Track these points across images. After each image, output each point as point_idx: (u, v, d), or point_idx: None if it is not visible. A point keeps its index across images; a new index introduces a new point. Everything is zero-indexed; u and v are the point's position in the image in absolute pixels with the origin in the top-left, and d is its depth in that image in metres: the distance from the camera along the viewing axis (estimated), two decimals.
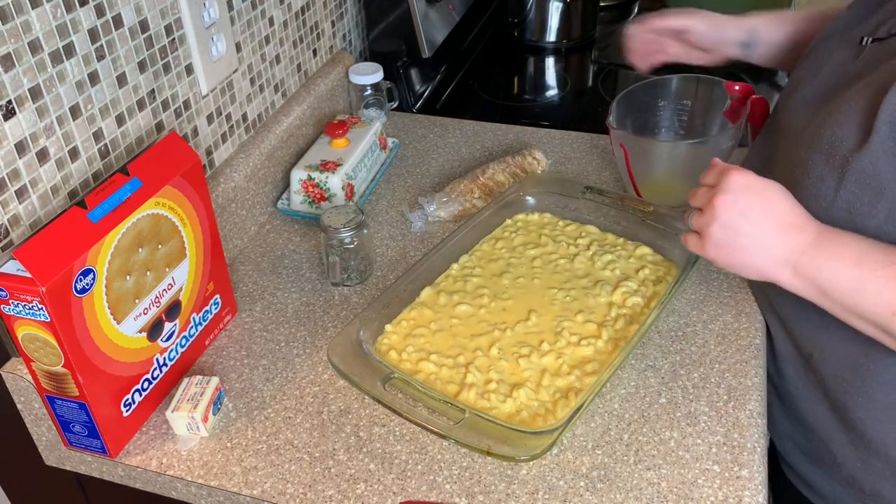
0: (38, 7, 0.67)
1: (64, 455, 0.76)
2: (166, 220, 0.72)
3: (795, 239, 0.65)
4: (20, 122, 0.67)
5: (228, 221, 0.96)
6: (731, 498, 0.66)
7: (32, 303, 0.61)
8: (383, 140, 1.12)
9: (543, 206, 0.99)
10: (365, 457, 0.71)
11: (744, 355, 0.80)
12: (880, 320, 0.62)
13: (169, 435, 0.75)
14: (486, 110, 1.33)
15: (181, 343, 0.79)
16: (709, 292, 0.88)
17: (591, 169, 1.11)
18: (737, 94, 0.95)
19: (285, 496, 0.68)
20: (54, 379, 0.67)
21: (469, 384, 0.75)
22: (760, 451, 0.70)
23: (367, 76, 1.17)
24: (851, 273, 0.63)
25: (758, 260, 0.67)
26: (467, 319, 0.83)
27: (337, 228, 0.87)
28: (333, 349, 0.75)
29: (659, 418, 0.74)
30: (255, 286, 0.93)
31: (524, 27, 1.54)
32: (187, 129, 0.90)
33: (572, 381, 0.75)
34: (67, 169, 0.74)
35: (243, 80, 1.00)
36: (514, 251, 0.92)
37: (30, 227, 0.71)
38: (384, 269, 0.94)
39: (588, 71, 1.50)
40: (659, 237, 0.91)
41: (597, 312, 0.83)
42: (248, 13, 0.98)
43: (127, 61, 0.78)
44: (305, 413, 0.76)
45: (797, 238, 0.65)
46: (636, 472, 0.69)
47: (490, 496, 0.67)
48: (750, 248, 0.66)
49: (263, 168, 1.03)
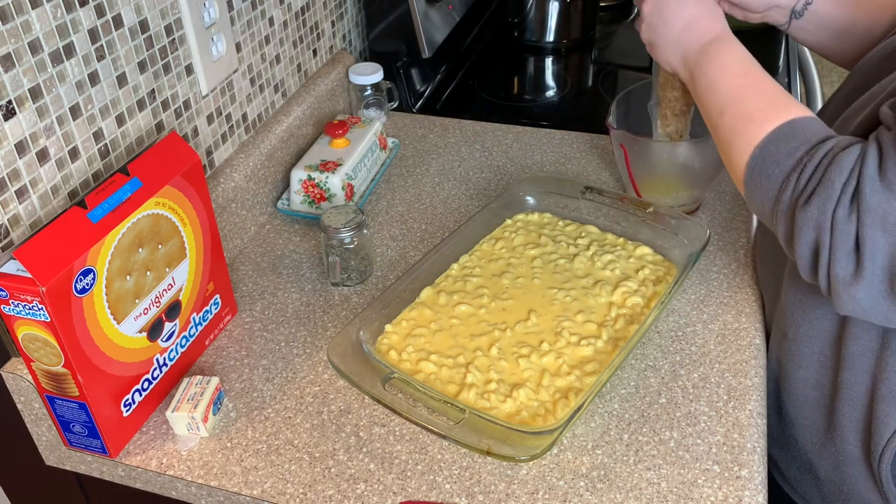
0: (38, 7, 0.67)
1: (64, 455, 0.76)
2: (166, 220, 0.72)
3: (692, 38, 0.76)
4: (20, 122, 0.67)
5: (228, 221, 0.96)
6: (731, 498, 0.66)
7: (32, 303, 0.61)
8: (383, 140, 1.12)
9: (543, 206, 0.99)
10: (365, 457, 0.71)
11: (744, 355, 0.80)
12: (712, 116, 0.71)
13: (169, 435, 0.75)
14: (486, 110, 1.33)
15: (181, 343, 0.79)
16: (709, 292, 0.88)
17: (591, 169, 1.11)
18: None
19: (285, 496, 0.68)
20: (54, 379, 0.67)
21: (469, 384, 0.75)
22: (760, 451, 0.70)
23: (367, 76, 1.18)
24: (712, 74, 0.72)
25: (668, 55, 0.79)
26: (467, 319, 0.83)
27: (337, 228, 0.87)
28: (333, 349, 0.75)
29: (659, 418, 0.74)
30: (255, 286, 0.93)
31: (524, 27, 1.54)
32: (187, 129, 0.90)
33: (572, 381, 0.75)
34: (67, 169, 0.74)
35: (243, 80, 1.00)
36: (514, 251, 0.92)
37: (30, 227, 0.71)
38: (384, 269, 0.94)
39: (588, 71, 1.50)
40: (659, 237, 0.91)
41: (597, 312, 0.83)
42: (248, 13, 0.98)
43: (127, 61, 0.78)
44: (305, 413, 0.76)
45: (694, 37, 0.76)
46: (636, 472, 0.69)
47: (490, 496, 0.67)
48: (663, 45, 0.79)
49: (263, 168, 1.03)
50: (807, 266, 0.61)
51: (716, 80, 0.71)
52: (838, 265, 0.58)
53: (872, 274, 0.57)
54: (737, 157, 0.65)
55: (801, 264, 0.61)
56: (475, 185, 1.09)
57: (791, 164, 0.60)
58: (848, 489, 0.76)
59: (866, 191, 0.55)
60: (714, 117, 0.70)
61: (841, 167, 0.57)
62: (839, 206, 0.57)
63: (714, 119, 0.70)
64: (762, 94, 0.67)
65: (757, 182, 0.63)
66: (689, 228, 0.88)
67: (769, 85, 0.68)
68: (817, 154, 0.59)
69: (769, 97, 0.66)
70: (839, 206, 0.57)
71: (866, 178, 0.56)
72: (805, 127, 0.62)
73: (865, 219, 0.56)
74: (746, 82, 0.69)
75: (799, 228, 0.59)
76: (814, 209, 0.58)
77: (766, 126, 0.63)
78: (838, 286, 0.59)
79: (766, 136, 0.63)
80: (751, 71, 0.70)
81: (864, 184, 0.56)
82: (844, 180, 0.57)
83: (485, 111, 1.32)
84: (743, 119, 0.66)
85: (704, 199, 1.03)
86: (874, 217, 0.55)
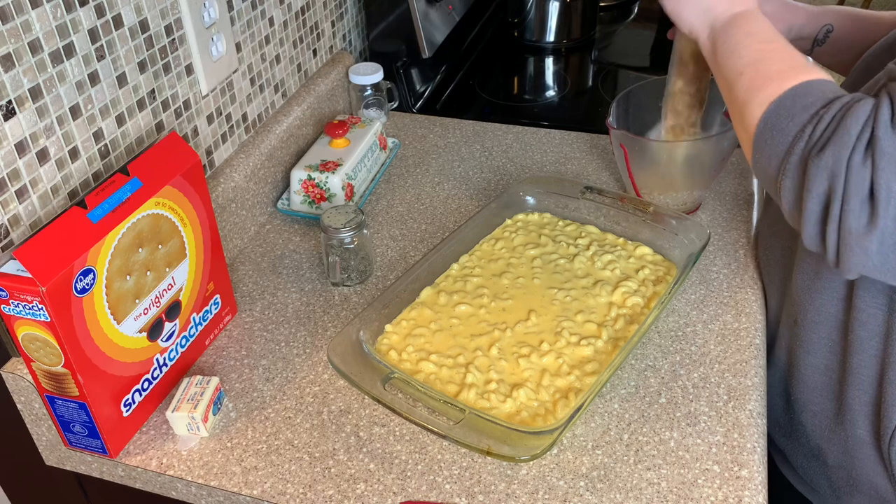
0: (38, 7, 0.67)
1: (64, 455, 0.76)
2: (166, 220, 0.72)
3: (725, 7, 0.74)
4: (20, 122, 0.67)
5: (228, 221, 0.96)
6: (731, 498, 0.66)
7: (32, 303, 0.61)
8: (383, 140, 1.12)
9: (543, 206, 0.99)
10: (365, 457, 0.71)
11: (744, 355, 0.80)
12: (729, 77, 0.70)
13: (169, 435, 0.75)
14: (485, 110, 1.33)
15: (181, 343, 0.79)
16: (709, 292, 0.88)
17: (591, 169, 1.11)
18: None
19: (285, 496, 0.68)
20: (54, 379, 0.67)
21: (469, 384, 0.75)
22: (760, 451, 0.70)
23: (367, 76, 1.18)
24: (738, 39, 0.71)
25: (694, 18, 0.77)
26: (467, 319, 0.83)
27: (337, 228, 0.87)
28: (333, 349, 0.75)
29: (659, 418, 0.74)
30: (255, 286, 0.93)
31: (524, 27, 1.54)
32: (187, 129, 0.90)
33: (572, 381, 0.75)
34: (67, 169, 0.74)
35: (243, 80, 1.00)
36: (514, 251, 0.92)
37: (30, 227, 0.71)
38: (384, 269, 0.94)
39: (588, 71, 1.50)
40: (659, 237, 0.91)
41: (597, 312, 0.83)
42: (248, 13, 0.98)
43: (127, 61, 0.78)
44: (305, 413, 0.76)
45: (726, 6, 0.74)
46: (636, 472, 0.69)
47: (490, 496, 0.67)
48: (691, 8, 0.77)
49: (263, 168, 1.03)
50: (814, 226, 0.61)
51: (740, 44, 0.70)
52: (851, 215, 0.58)
53: (885, 223, 0.57)
54: (750, 114, 0.65)
55: (808, 225, 0.61)
56: (475, 185, 1.09)
57: (806, 117, 0.60)
58: (857, 474, 0.77)
59: (881, 136, 0.56)
60: (732, 78, 0.69)
61: (857, 116, 0.57)
62: (854, 152, 0.57)
63: (731, 80, 0.69)
64: (785, 58, 0.67)
65: (768, 137, 0.63)
66: (689, 228, 0.88)
67: (793, 52, 0.68)
68: (833, 107, 0.60)
69: (791, 61, 0.66)
70: (854, 152, 0.57)
71: (881, 125, 0.56)
72: (823, 86, 0.62)
73: (881, 163, 0.56)
74: (771, 47, 0.68)
75: (811, 179, 0.59)
76: (828, 157, 0.58)
77: (784, 84, 0.63)
78: (850, 240, 0.59)
79: (783, 93, 0.63)
80: (777, 39, 0.69)
81: (878, 130, 0.56)
82: (860, 129, 0.57)
83: (485, 111, 1.32)
84: (762, 78, 0.65)
85: (704, 199, 1.03)
86: (890, 162, 0.56)
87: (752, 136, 0.65)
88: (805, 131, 0.60)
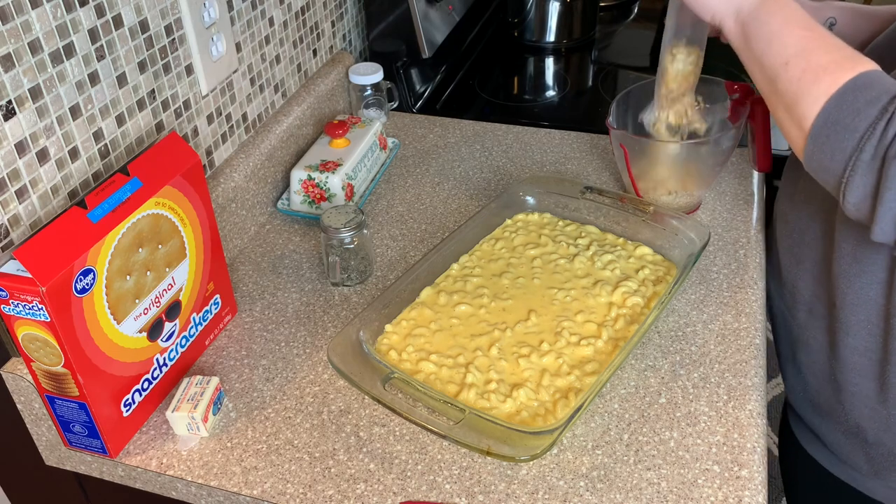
0: (38, 7, 0.67)
1: (64, 455, 0.76)
2: (166, 220, 0.72)
3: None
4: (20, 122, 0.67)
5: (228, 221, 0.96)
6: (731, 498, 0.66)
7: (32, 303, 0.61)
8: (383, 140, 1.12)
9: (543, 206, 0.99)
10: (365, 457, 0.71)
11: (744, 355, 0.80)
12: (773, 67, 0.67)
13: (169, 435, 0.75)
14: (485, 110, 1.33)
15: (181, 343, 0.79)
16: (709, 292, 0.88)
17: (591, 169, 1.11)
18: (737, 95, 0.95)
19: (285, 496, 0.68)
20: (54, 379, 0.67)
21: (469, 384, 0.75)
22: (760, 451, 0.70)
23: (367, 76, 1.18)
24: (775, 26, 0.68)
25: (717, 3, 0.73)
26: (467, 319, 0.83)
27: (337, 228, 0.87)
28: (333, 349, 0.75)
29: (659, 418, 0.74)
30: (255, 286, 0.93)
31: (524, 27, 1.54)
32: (187, 129, 0.90)
33: (572, 381, 0.75)
34: (67, 169, 0.74)
35: (243, 80, 1.00)
36: (514, 251, 0.92)
37: (30, 227, 0.71)
38: (384, 269, 0.94)
39: (588, 71, 1.50)
40: (659, 237, 0.91)
41: (597, 312, 0.83)
42: (248, 13, 0.98)
43: (127, 61, 0.78)
44: (305, 413, 0.76)
45: None
46: (636, 472, 0.69)
47: (490, 496, 0.67)
48: None
49: (263, 168, 1.03)
50: (890, 222, 0.60)
51: (781, 32, 0.68)
52: None
53: None
54: (806, 108, 0.64)
55: (883, 221, 0.60)
56: (475, 185, 1.09)
57: (874, 113, 0.60)
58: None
59: None
60: (776, 68, 0.67)
61: None
62: None
63: (775, 70, 0.67)
64: (832, 47, 0.65)
65: (830, 132, 0.62)
66: (689, 228, 0.88)
67: (837, 40, 0.67)
68: None
69: (840, 51, 0.65)
70: None
71: None
72: (881, 78, 0.62)
73: None
74: (814, 35, 0.67)
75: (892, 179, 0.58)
76: None
77: (840, 76, 0.62)
78: None
79: (843, 86, 0.62)
80: (815, 27, 0.67)
81: None
82: None
83: (485, 111, 1.32)
84: (814, 70, 0.64)
85: (704, 199, 1.03)
86: None
87: (807, 131, 0.64)
88: (876, 129, 0.59)
